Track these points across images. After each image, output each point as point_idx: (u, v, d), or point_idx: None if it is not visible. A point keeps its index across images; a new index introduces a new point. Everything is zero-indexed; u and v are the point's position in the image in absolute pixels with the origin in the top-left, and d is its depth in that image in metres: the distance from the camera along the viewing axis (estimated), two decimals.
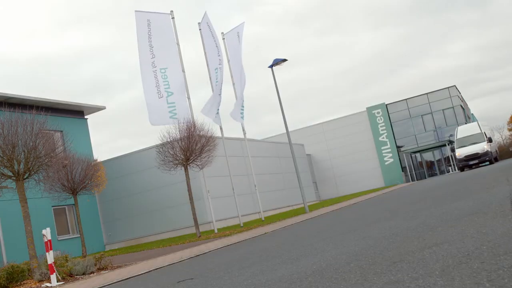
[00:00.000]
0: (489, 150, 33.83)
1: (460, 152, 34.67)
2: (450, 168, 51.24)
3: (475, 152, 33.73)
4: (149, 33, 20.76)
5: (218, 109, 22.40)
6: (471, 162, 33.88)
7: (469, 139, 35.14)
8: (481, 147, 33.87)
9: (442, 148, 52.29)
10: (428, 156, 54.65)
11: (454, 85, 52.52)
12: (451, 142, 53.18)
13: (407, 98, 53.10)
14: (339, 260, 5.46)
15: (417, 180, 50.12)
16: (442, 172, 51.97)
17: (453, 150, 36.48)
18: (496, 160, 37.46)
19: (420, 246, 5.16)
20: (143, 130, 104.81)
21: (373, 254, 5.36)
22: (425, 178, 51.29)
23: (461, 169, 35.08)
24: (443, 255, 4.36)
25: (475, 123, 37.98)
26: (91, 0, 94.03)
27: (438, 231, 6.01)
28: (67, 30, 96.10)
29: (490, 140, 34.59)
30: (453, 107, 51.48)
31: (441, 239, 5.31)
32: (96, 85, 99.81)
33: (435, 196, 13.79)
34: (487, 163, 34.02)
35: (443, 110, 51.39)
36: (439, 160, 53.91)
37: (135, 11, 20.71)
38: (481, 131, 35.50)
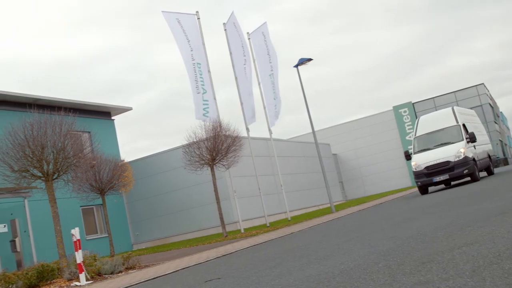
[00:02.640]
0: (470, 156, 20.09)
1: (418, 161, 20.65)
2: None
3: (444, 159, 19.90)
4: (183, 28, 20.95)
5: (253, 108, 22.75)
6: (437, 178, 19.91)
7: (435, 138, 21.34)
8: (455, 150, 19.97)
9: None
10: None
11: (483, 83, 51.85)
12: None
13: (434, 97, 52.61)
14: (367, 260, 5.42)
15: None
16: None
17: (408, 157, 21.81)
18: (489, 171, 24.06)
19: (450, 246, 5.09)
20: (163, 131, 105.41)
21: (402, 254, 5.31)
22: None
23: (422, 189, 20.83)
24: (473, 256, 4.30)
25: (449, 109, 22.63)
26: (106, 1, 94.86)
27: (468, 231, 5.93)
28: (84, 32, 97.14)
29: (472, 139, 20.36)
30: (481, 105, 50.80)
31: (471, 239, 5.24)
32: (114, 86, 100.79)
33: (463, 196, 13.61)
34: (468, 178, 20.96)
35: (471, 108, 50.70)
36: None
37: (162, 11, 20.89)
38: (457, 123, 21.22)
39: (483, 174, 24.15)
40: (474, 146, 21.11)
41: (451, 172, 19.76)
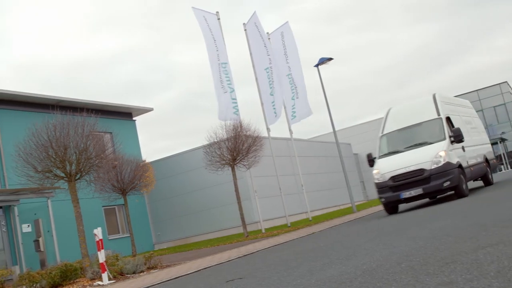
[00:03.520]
0: (455, 161, 14.67)
1: (382, 169, 15.45)
2: (502, 166, 49.86)
3: (417, 167, 14.53)
4: (209, 27, 21.03)
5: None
6: (407, 193, 14.54)
7: (408, 136, 16.18)
8: (433, 153, 14.59)
9: (494, 146, 50.98)
10: None
11: (506, 81, 51.22)
12: (503, 139, 51.74)
13: (456, 95, 52.01)
14: (390, 260, 5.38)
15: None
16: (493, 171, 50.58)
17: (372, 163, 16.61)
18: (486, 181, 18.99)
19: (473, 246, 5.04)
20: (181, 131, 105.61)
21: (424, 254, 5.27)
22: None
23: (387, 207, 15.67)
24: (498, 256, 4.24)
25: (428, 97, 16.89)
26: (123, 2, 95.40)
27: (492, 231, 5.86)
28: (100, 33, 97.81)
29: (457, 137, 15.15)
30: (504, 104, 50.20)
31: (496, 239, 5.17)
32: (133, 87, 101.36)
33: (486, 196, 13.46)
34: (451, 191, 15.08)
35: (494, 107, 50.13)
36: None
37: (192, 7, 20.99)
38: (438, 115, 15.86)
39: (478, 183, 20.24)
40: (463, 148, 15.79)
41: (426, 184, 14.27)
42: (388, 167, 15.21)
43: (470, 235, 5.90)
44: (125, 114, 30.81)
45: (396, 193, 14.78)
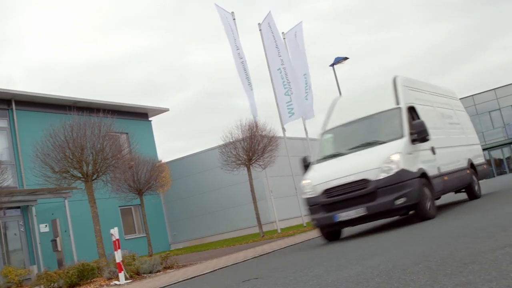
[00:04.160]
0: (415, 168, 10.09)
1: (314, 179, 10.83)
2: None
3: (358, 177, 9.99)
4: (230, 25, 21.08)
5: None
6: (344, 215, 10.04)
7: (355, 133, 11.72)
8: (382, 158, 10.03)
9: (511, 145, 50.51)
10: (497, 154, 52.92)
11: None
12: None
13: (473, 94, 51.63)
14: (407, 260, 5.35)
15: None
16: (482, 178, 50.01)
17: (306, 167, 11.69)
18: (470, 193, 14.15)
19: (492, 246, 4.98)
20: (195, 132, 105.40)
21: (442, 254, 5.22)
22: (494, 176, 49.67)
23: (323, 232, 11.26)
24: None
25: (387, 81, 11.93)
26: (133, 3, 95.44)
27: (511, 231, 5.80)
28: (114, 34, 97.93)
29: (420, 134, 10.49)
30: None
31: None
32: (147, 87, 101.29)
33: (506, 196, 13.34)
34: (410, 211, 10.51)
35: None
36: (508, 158, 52.15)
37: (215, 4, 21.04)
38: (397, 104, 11.11)
39: (462, 196, 15.40)
40: (433, 149, 11.35)
41: (371, 202, 9.91)
42: (323, 176, 10.80)
43: (488, 235, 5.84)
44: (141, 115, 30.95)
45: (330, 214, 10.39)
